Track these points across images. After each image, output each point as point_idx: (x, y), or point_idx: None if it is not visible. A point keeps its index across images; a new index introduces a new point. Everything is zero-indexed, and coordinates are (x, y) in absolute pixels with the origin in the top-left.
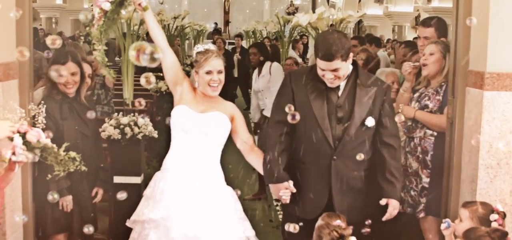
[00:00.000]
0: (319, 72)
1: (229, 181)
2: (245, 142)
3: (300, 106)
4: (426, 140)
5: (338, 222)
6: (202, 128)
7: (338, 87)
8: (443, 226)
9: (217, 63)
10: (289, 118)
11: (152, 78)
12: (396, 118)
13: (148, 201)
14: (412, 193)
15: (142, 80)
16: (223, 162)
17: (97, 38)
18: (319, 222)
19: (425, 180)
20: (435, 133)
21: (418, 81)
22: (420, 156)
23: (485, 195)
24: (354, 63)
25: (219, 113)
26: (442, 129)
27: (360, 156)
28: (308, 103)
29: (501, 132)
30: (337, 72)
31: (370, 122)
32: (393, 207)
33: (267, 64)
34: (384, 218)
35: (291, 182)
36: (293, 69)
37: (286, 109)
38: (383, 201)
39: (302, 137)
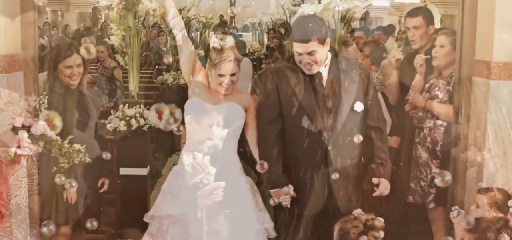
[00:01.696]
0: (296, 58)
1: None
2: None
3: (287, 101)
4: (435, 131)
5: (358, 210)
6: (214, 120)
7: (321, 77)
8: (453, 213)
9: (230, 67)
10: (258, 168)
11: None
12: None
13: (165, 196)
14: (422, 183)
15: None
16: None
17: (116, 22)
18: (338, 226)
19: (435, 170)
20: (444, 123)
21: (429, 72)
22: (430, 146)
23: (491, 184)
24: (333, 50)
25: (233, 103)
26: (452, 119)
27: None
28: (295, 96)
29: (507, 122)
30: (313, 55)
31: (359, 106)
32: (384, 186)
33: None
34: (374, 195)
35: (291, 187)
36: (271, 66)
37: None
38: (375, 180)
39: (292, 133)
